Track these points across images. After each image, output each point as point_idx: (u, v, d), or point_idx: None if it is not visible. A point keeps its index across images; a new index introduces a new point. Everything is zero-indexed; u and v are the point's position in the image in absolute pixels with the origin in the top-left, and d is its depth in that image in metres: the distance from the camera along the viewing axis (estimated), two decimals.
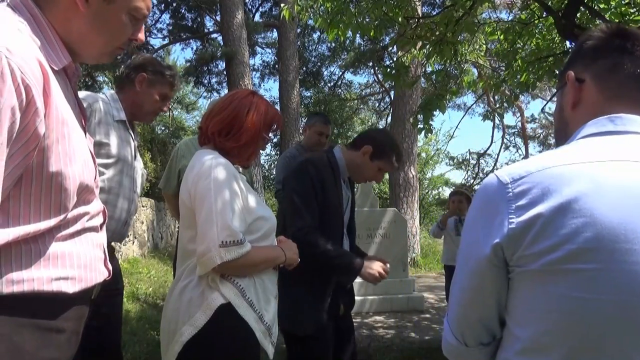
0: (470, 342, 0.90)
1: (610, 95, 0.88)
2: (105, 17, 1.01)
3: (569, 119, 0.94)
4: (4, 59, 0.81)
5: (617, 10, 3.77)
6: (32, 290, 0.94)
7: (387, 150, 2.23)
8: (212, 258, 1.43)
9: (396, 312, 5.46)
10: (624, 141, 0.82)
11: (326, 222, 2.14)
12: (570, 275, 0.74)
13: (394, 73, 4.35)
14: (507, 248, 0.79)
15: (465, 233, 0.91)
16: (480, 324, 0.88)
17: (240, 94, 1.67)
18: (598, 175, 0.76)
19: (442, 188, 21.79)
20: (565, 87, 0.95)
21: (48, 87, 0.90)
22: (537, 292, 0.78)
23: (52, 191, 0.95)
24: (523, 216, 0.77)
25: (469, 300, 0.88)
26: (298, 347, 2.16)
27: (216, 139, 1.62)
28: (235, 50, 10.00)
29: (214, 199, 1.47)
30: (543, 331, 0.77)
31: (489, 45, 6.87)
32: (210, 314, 1.47)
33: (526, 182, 0.79)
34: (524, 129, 17.65)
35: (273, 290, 1.65)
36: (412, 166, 9.65)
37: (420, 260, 9.64)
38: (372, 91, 18.44)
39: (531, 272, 0.78)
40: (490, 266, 0.82)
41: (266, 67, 17.47)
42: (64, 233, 1.01)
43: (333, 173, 2.19)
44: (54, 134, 0.93)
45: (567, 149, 0.84)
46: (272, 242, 1.68)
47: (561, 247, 0.74)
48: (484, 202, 0.86)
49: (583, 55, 0.93)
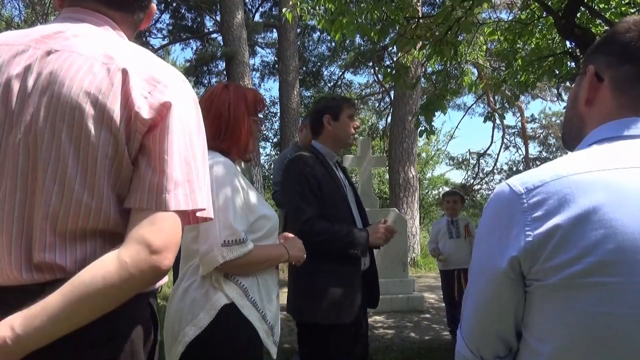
0: (486, 356, 0.87)
1: (624, 103, 0.85)
2: (149, 17, 1.13)
3: (582, 114, 0.91)
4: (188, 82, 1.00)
5: (617, 10, 3.78)
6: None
7: (336, 103, 2.40)
8: (214, 257, 1.44)
9: (396, 312, 5.46)
10: (639, 146, 0.79)
11: (332, 207, 2.21)
12: (591, 289, 0.71)
13: (394, 73, 4.35)
14: (524, 261, 0.76)
15: (478, 245, 0.87)
16: (497, 337, 0.85)
17: (216, 91, 1.67)
18: (616, 184, 0.73)
19: (442, 188, 21.75)
20: (584, 78, 0.90)
21: None
22: (558, 307, 0.74)
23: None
24: (540, 228, 0.74)
25: (485, 314, 0.85)
26: (318, 337, 2.18)
27: (212, 145, 1.63)
28: (235, 50, 9.99)
29: (215, 198, 1.47)
30: (566, 347, 0.74)
31: (489, 45, 6.87)
32: (214, 314, 1.47)
33: (541, 192, 0.76)
34: (524, 129, 17.65)
35: (275, 290, 1.66)
36: (412, 166, 9.64)
37: (420, 260, 9.63)
38: (372, 91, 18.42)
39: (551, 285, 0.74)
40: (506, 280, 0.79)
41: (266, 67, 17.48)
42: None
43: (321, 162, 2.29)
44: None
45: (580, 155, 0.81)
46: (275, 241, 1.68)
47: (581, 260, 0.71)
48: (497, 214, 0.82)
49: (610, 51, 0.87)
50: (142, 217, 0.88)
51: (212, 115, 1.62)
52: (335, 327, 2.13)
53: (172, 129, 0.90)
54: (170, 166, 0.89)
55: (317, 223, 2.14)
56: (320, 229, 2.13)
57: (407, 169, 9.47)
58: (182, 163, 0.90)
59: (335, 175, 2.31)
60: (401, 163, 9.48)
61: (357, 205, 2.43)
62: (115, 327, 0.92)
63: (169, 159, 0.89)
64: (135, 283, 0.86)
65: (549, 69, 4.45)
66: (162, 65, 0.97)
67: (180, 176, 0.90)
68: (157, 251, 0.87)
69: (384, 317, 5.27)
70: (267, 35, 16.58)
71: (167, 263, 0.89)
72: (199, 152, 0.95)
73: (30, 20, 14.26)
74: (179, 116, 0.92)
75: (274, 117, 17.93)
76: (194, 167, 0.92)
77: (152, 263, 0.86)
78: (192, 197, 0.91)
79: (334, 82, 17.27)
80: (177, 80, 0.96)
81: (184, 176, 0.90)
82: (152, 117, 0.89)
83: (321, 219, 2.16)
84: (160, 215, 0.89)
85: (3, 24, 13.39)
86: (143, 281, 0.88)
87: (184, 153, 0.91)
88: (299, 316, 2.24)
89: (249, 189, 1.62)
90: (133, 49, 0.98)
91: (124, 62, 0.92)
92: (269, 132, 18.90)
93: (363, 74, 21.57)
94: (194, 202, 0.91)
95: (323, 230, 2.13)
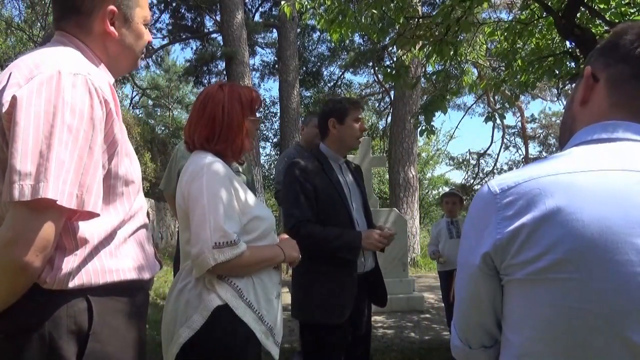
0: (473, 345, 0.94)
1: (616, 102, 0.87)
2: (132, 34, 1.21)
3: (576, 115, 0.94)
4: (88, 80, 1.01)
5: (617, 10, 3.77)
6: (120, 280, 1.09)
7: (342, 106, 2.37)
8: (205, 260, 1.43)
9: (396, 312, 5.45)
10: (613, 149, 0.82)
11: (329, 211, 2.20)
12: (552, 284, 0.76)
13: (394, 73, 4.34)
14: (495, 257, 0.82)
15: (461, 241, 0.93)
16: (480, 328, 0.92)
17: (211, 92, 1.66)
18: (579, 186, 0.77)
19: (442, 188, 21.78)
20: (582, 80, 0.93)
21: (116, 101, 1.11)
22: (525, 300, 0.80)
23: (122, 188, 1.13)
24: (510, 227, 0.79)
25: (467, 306, 0.92)
26: (311, 336, 2.20)
27: (206, 147, 1.62)
28: (235, 50, 10.00)
29: (207, 201, 1.47)
30: (533, 337, 0.79)
31: (489, 45, 6.86)
32: (207, 315, 1.46)
33: (514, 192, 0.81)
34: (524, 129, 17.66)
35: (274, 290, 1.64)
36: (412, 166, 9.65)
37: (420, 260, 9.63)
38: (372, 91, 18.43)
39: (518, 280, 0.80)
40: (481, 274, 0.85)
41: (266, 67, 17.49)
42: (130, 227, 1.16)
43: (322, 165, 2.28)
44: (122, 138, 1.12)
45: (557, 158, 0.85)
46: (271, 242, 1.67)
47: (543, 257, 0.76)
48: (476, 212, 0.89)
49: (608, 53, 0.90)
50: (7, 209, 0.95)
51: (206, 117, 1.61)
52: (333, 327, 2.14)
53: (18, 121, 0.93)
54: (14, 157, 0.91)
55: (303, 227, 2.13)
56: (306, 233, 2.11)
57: (407, 169, 9.47)
58: (34, 154, 0.92)
59: (336, 178, 2.29)
60: (401, 163, 9.49)
61: (364, 206, 2.41)
62: (29, 321, 0.98)
63: (14, 150, 0.92)
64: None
65: (549, 69, 4.44)
66: (42, 59, 1.02)
67: (29, 167, 0.91)
68: (7, 244, 0.92)
69: (384, 317, 5.26)
70: (267, 35, 16.61)
71: (18, 256, 0.91)
72: (62, 142, 0.94)
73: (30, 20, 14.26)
74: (28, 109, 0.93)
75: (274, 117, 17.93)
76: (51, 158, 0.92)
77: (5, 257, 0.92)
78: (37, 187, 0.91)
79: (334, 82, 17.28)
80: (40, 73, 0.98)
81: (34, 167, 0.91)
82: (7, 111, 0.95)
83: (313, 222, 2.15)
84: (12, 207, 0.93)
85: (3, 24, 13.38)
86: (5, 276, 0.93)
87: (35, 144, 0.92)
88: (298, 316, 2.25)
89: (243, 190, 1.61)
90: (46, 52, 1.06)
91: (14, 63, 1.03)
92: (269, 132, 18.92)
93: (363, 74, 21.62)
94: (43, 192, 0.90)
95: (309, 235, 2.11)
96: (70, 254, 1.02)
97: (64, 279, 1.00)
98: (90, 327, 1.03)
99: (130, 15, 1.19)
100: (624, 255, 0.72)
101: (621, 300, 0.72)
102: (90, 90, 1.00)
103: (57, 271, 1.00)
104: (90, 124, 0.99)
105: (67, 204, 0.94)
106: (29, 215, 0.92)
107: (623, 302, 0.72)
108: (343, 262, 2.19)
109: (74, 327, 1.01)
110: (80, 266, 1.03)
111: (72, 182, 0.95)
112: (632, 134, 0.83)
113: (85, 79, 1.00)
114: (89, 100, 1.00)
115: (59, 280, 1.00)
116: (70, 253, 1.02)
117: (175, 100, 22.79)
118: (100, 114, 1.02)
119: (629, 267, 0.72)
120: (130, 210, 1.16)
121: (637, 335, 0.71)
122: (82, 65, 1.05)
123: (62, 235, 1.00)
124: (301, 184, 2.18)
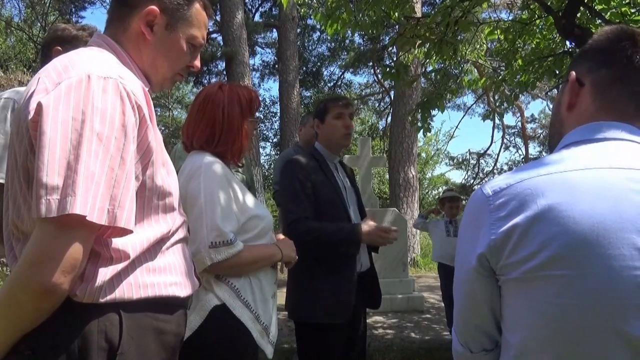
0: (474, 349, 0.94)
1: (602, 105, 0.90)
2: (169, 44, 1.13)
3: (564, 120, 0.96)
4: (120, 84, 0.94)
5: (617, 10, 3.77)
6: (155, 295, 1.02)
7: (322, 105, 2.39)
8: (202, 259, 1.43)
9: (396, 312, 5.45)
10: (600, 148, 0.84)
11: (328, 209, 2.20)
12: (547, 281, 0.77)
13: (393, 72, 4.34)
14: (491, 257, 0.83)
15: (457, 244, 0.95)
16: (479, 331, 0.92)
17: (210, 93, 1.64)
18: (572, 184, 0.78)
19: (442, 188, 21.78)
20: (567, 85, 0.96)
21: (150, 107, 1.03)
22: (521, 299, 0.81)
23: (160, 201, 1.06)
24: (503, 227, 0.81)
25: (465, 309, 0.93)
26: (310, 336, 2.18)
27: (205, 148, 1.62)
28: (235, 50, 9.99)
29: (204, 200, 1.47)
30: (529, 337, 0.80)
31: (489, 45, 6.86)
32: (205, 315, 1.46)
33: (505, 194, 0.83)
34: (524, 129, 17.64)
35: (270, 290, 1.64)
36: (412, 166, 9.64)
37: (420, 260, 9.63)
38: (372, 91, 18.42)
39: (513, 280, 0.81)
40: (478, 276, 0.86)
41: (266, 67, 17.49)
42: (170, 241, 1.10)
43: (319, 163, 2.29)
44: (158, 146, 1.05)
45: (547, 159, 0.87)
46: (269, 241, 1.67)
47: (537, 255, 0.77)
48: (471, 214, 0.90)
49: (591, 57, 0.93)
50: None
51: (206, 119, 1.61)
52: (331, 327, 2.13)
53: (44, 130, 0.86)
54: (41, 170, 0.85)
55: (302, 224, 2.12)
56: (305, 229, 2.11)
57: (407, 169, 9.46)
58: (61, 166, 0.85)
59: (332, 177, 2.29)
60: (401, 163, 9.48)
61: (359, 207, 2.42)
62: (57, 337, 0.91)
63: (40, 163, 0.85)
64: (23, 301, 0.86)
65: (549, 69, 4.45)
66: (72, 62, 0.96)
67: (57, 180, 0.84)
68: (32, 265, 0.85)
69: (384, 317, 5.26)
70: (267, 35, 16.60)
71: (44, 277, 0.84)
72: (91, 152, 0.87)
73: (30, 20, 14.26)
74: (54, 117, 0.87)
75: (274, 117, 17.92)
76: (79, 170, 0.85)
77: (31, 278, 0.85)
78: (65, 202, 0.83)
79: (334, 82, 17.28)
80: (69, 77, 0.92)
81: (61, 180, 0.85)
82: (32, 119, 0.90)
83: (312, 220, 2.14)
84: (38, 223, 0.86)
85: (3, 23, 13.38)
86: (30, 298, 0.86)
87: (62, 155, 0.86)
88: (295, 316, 2.24)
89: (242, 189, 1.61)
90: (77, 56, 1.00)
91: (45, 67, 0.97)
92: (269, 132, 18.91)
93: (363, 74, 21.59)
94: (71, 207, 0.83)
95: (308, 231, 2.11)
96: (103, 265, 0.95)
97: (96, 292, 0.93)
98: (120, 344, 0.96)
99: (174, 26, 1.12)
100: (617, 249, 0.73)
101: (616, 294, 0.73)
102: (122, 95, 0.93)
103: (88, 283, 0.93)
104: (122, 131, 0.91)
105: (98, 220, 0.86)
106: (55, 232, 0.85)
107: (618, 296, 0.73)
108: (343, 260, 2.18)
109: (105, 344, 0.94)
110: (114, 279, 0.96)
111: (103, 196, 0.87)
112: (618, 131, 0.86)
113: (117, 83, 0.94)
114: (120, 105, 0.92)
115: (90, 293, 0.93)
116: (103, 264, 0.95)
117: (175, 100, 22.78)
118: (132, 120, 0.94)
119: (622, 261, 0.73)
120: (170, 224, 1.08)
121: (633, 328, 0.72)
122: (113, 68, 0.98)
123: (95, 246, 0.93)
124: (300, 181, 2.17)
